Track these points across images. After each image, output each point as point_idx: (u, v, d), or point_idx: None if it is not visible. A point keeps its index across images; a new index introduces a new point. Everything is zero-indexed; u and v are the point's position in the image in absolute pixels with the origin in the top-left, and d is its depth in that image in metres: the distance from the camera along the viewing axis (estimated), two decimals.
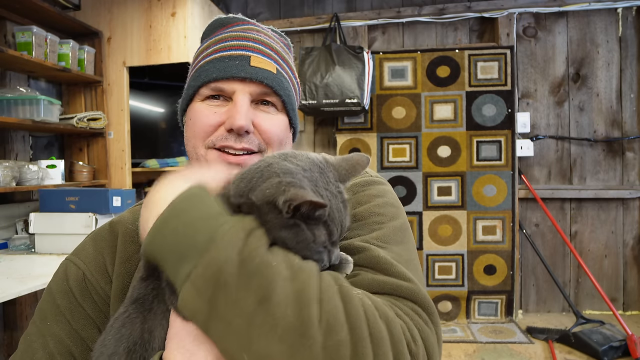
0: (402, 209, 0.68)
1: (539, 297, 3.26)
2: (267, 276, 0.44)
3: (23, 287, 1.53)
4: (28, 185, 2.26)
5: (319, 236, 0.52)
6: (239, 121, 0.67)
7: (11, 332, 2.32)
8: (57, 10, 2.48)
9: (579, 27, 3.17)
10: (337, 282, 0.48)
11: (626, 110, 3.15)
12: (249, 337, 0.43)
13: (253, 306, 0.43)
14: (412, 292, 0.51)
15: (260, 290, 0.43)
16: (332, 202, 0.53)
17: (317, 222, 0.52)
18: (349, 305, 0.45)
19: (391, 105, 3.21)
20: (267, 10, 3.50)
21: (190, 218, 0.48)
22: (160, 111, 3.41)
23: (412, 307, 0.51)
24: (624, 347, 2.48)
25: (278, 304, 0.43)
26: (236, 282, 0.44)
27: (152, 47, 2.73)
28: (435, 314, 0.52)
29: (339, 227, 0.54)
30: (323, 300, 0.44)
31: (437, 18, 3.26)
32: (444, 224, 3.16)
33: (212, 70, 0.70)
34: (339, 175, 0.56)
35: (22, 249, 2.21)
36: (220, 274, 0.44)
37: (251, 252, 0.45)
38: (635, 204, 3.14)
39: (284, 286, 0.44)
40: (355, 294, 0.47)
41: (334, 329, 0.43)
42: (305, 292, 0.44)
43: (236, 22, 0.79)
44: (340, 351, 0.42)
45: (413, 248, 0.63)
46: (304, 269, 0.46)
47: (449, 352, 2.64)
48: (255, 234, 0.47)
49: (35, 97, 2.29)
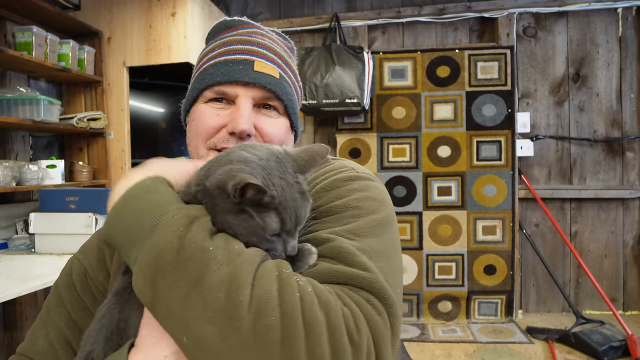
0: (386, 204, 0.67)
1: (539, 297, 3.26)
2: (202, 260, 0.46)
3: (23, 287, 1.53)
4: (28, 185, 2.26)
5: (270, 224, 0.53)
6: (241, 125, 0.69)
7: (11, 332, 2.32)
8: (57, 10, 2.48)
9: (579, 27, 3.17)
10: (279, 268, 0.48)
11: (626, 110, 3.15)
12: (185, 319, 0.45)
13: (187, 289, 0.45)
14: (369, 282, 0.51)
15: (194, 273, 0.45)
16: (286, 190, 0.54)
17: (267, 209, 0.53)
18: (283, 291, 0.45)
19: (391, 105, 3.21)
20: (267, 10, 3.50)
21: (140, 207, 0.52)
22: (160, 111, 3.41)
23: (367, 297, 0.50)
24: (624, 347, 2.48)
25: (210, 287, 0.45)
26: (173, 266, 0.46)
27: (152, 47, 2.73)
28: (394, 306, 0.51)
29: (293, 216, 0.54)
30: (256, 285, 0.45)
31: (437, 18, 3.26)
32: (444, 224, 3.16)
33: (216, 74, 0.72)
34: (298, 166, 0.57)
35: (22, 249, 2.21)
36: (160, 258, 0.47)
37: (190, 238, 0.48)
38: (635, 204, 3.14)
39: (217, 270, 0.45)
40: (295, 281, 0.47)
41: (264, 312, 0.43)
42: (237, 276, 0.45)
43: (241, 25, 0.80)
44: (269, 335, 0.43)
45: (391, 241, 0.62)
46: (241, 254, 0.48)
47: (449, 352, 2.64)
48: (197, 222, 0.50)
49: (35, 97, 2.29)
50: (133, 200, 0.53)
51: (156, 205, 0.52)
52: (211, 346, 0.44)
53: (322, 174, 0.71)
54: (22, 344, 0.69)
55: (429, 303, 3.17)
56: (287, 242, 0.55)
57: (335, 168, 0.72)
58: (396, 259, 0.61)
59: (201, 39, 2.81)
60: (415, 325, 3.06)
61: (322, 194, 0.66)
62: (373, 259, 0.55)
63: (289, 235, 0.55)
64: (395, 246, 0.63)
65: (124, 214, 0.53)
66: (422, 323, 3.11)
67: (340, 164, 0.74)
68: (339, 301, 0.48)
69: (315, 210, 0.64)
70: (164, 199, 0.53)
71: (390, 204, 0.68)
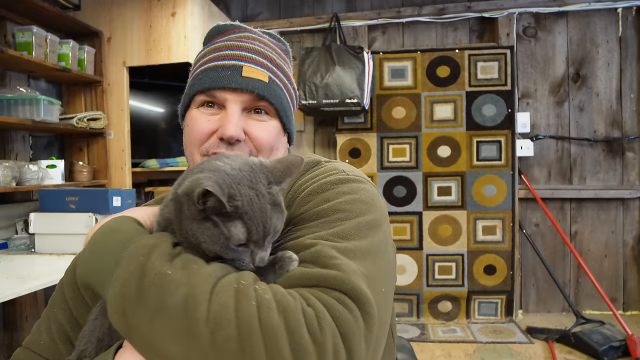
0: (375, 206, 0.66)
1: (539, 297, 3.26)
2: (162, 285, 0.49)
3: (23, 287, 1.53)
4: (28, 185, 2.26)
5: (235, 234, 0.53)
6: (229, 131, 0.71)
7: (11, 332, 2.32)
8: (57, 10, 2.48)
9: (579, 27, 3.17)
10: (238, 281, 0.50)
11: (626, 110, 3.15)
12: (154, 342, 0.48)
13: (152, 314, 0.48)
14: (340, 281, 0.51)
15: (156, 298, 0.48)
16: (254, 201, 0.54)
17: (232, 219, 0.53)
18: (239, 302, 0.47)
19: (391, 105, 3.21)
20: (267, 10, 3.50)
21: (104, 247, 0.57)
22: (160, 111, 3.41)
23: (338, 296, 0.50)
24: (624, 347, 2.48)
25: (170, 308, 0.47)
26: (137, 294, 0.49)
27: (152, 47, 2.73)
28: (367, 304, 0.51)
29: (260, 227, 0.54)
30: (213, 301, 0.47)
31: (437, 18, 3.26)
32: (444, 224, 3.16)
33: (205, 80, 0.73)
34: (273, 176, 0.58)
35: (22, 249, 2.21)
36: (125, 289, 0.50)
37: (150, 265, 0.51)
38: (635, 204, 3.14)
39: (176, 292, 0.48)
40: (253, 290, 0.48)
41: (221, 325, 0.45)
42: (194, 294, 0.47)
43: (233, 30, 0.81)
44: (228, 346, 0.45)
45: (378, 242, 0.62)
46: (199, 273, 0.50)
47: (449, 352, 2.64)
48: (157, 249, 0.53)
49: (35, 97, 2.29)
50: (98, 243, 0.58)
51: (119, 243, 0.56)
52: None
53: (312, 177, 0.72)
54: (28, 338, 0.72)
55: (429, 303, 3.17)
56: (254, 253, 0.55)
57: (326, 171, 0.72)
58: (384, 258, 0.62)
59: (201, 39, 2.80)
60: (415, 325, 3.06)
61: (311, 198, 0.66)
62: (356, 259, 0.55)
63: (256, 246, 0.55)
64: (383, 247, 0.63)
65: (91, 259, 0.58)
66: (422, 323, 3.11)
67: (331, 166, 0.74)
68: (301, 303, 0.48)
69: (303, 214, 0.64)
70: (126, 235, 0.57)
71: (380, 206, 0.68)
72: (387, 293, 0.60)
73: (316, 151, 3.42)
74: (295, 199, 0.69)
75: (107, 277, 0.54)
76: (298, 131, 3.40)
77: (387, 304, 0.60)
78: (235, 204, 0.53)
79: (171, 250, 0.54)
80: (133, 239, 0.56)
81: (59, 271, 1.71)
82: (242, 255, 0.55)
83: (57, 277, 1.64)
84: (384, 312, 0.56)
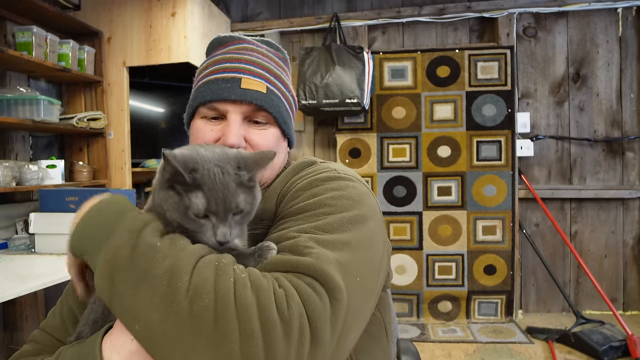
0: (362, 203, 0.69)
1: (539, 297, 3.26)
2: (150, 255, 0.53)
3: (23, 287, 1.53)
4: (28, 185, 2.26)
5: (195, 203, 0.57)
6: (230, 140, 0.76)
7: (11, 333, 2.31)
8: (57, 10, 2.47)
9: (579, 27, 3.17)
10: (218, 259, 0.54)
11: (626, 110, 3.15)
12: (136, 307, 0.52)
13: (138, 281, 0.52)
14: (313, 268, 0.54)
15: (143, 267, 0.52)
16: (218, 176, 0.58)
17: (193, 189, 0.58)
18: (218, 278, 0.51)
19: (391, 105, 3.21)
20: (267, 10, 3.50)
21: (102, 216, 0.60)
22: (160, 111, 3.41)
23: (309, 281, 0.54)
24: (624, 347, 2.48)
25: (155, 277, 0.51)
26: (128, 262, 0.53)
27: (152, 47, 2.73)
28: (336, 290, 0.54)
29: (221, 200, 0.58)
30: (194, 274, 0.51)
31: (437, 18, 3.26)
32: (444, 224, 3.16)
33: (207, 92, 0.79)
34: (245, 163, 0.62)
35: (22, 249, 2.20)
36: (117, 257, 0.54)
37: (143, 237, 0.55)
38: (635, 204, 3.14)
39: (162, 262, 0.52)
40: (231, 269, 0.53)
41: (200, 296, 0.49)
42: (178, 266, 0.52)
43: (232, 42, 0.86)
44: (204, 315, 0.49)
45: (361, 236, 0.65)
46: (185, 249, 0.55)
47: (449, 352, 2.64)
48: (150, 225, 0.57)
49: (35, 97, 2.29)
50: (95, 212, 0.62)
51: (116, 213, 0.60)
52: (157, 329, 0.50)
53: (305, 175, 0.76)
54: (44, 321, 0.78)
55: (429, 303, 3.17)
56: (216, 227, 0.58)
57: (319, 169, 0.76)
58: (365, 252, 0.64)
59: (201, 39, 2.81)
60: (415, 325, 3.06)
61: (300, 193, 0.71)
62: (335, 249, 0.59)
63: (218, 219, 0.58)
64: (367, 241, 0.66)
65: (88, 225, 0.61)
66: (422, 323, 3.11)
67: (325, 165, 0.78)
68: (273, 284, 0.52)
69: (291, 208, 0.69)
70: (122, 206, 0.62)
71: (368, 203, 0.71)
72: (365, 284, 0.62)
73: (316, 151, 3.42)
74: (287, 194, 0.74)
75: (100, 244, 0.57)
76: (298, 131, 3.40)
77: (363, 294, 0.62)
78: (195, 176, 0.58)
79: (162, 228, 0.58)
80: (129, 212, 0.60)
81: (59, 271, 1.71)
82: (203, 227, 0.58)
83: (57, 277, 1.65)
84: (357, 301, 0.59)
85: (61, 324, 0.75)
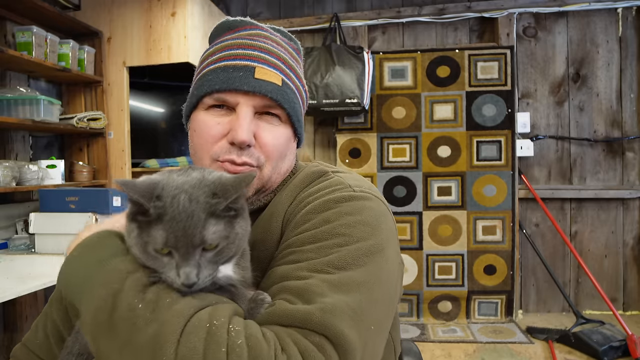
0: (380, 228, 0.63)
1: (539, 297, 3.26)
2: (131, 319, 0.47)
3: (23, 287, 1.53)
4: (28, 185, 2.26)
5: (155, 237, 0.50)
6: (240, 136, 0.67)
7: (11, 333, 2.31)
8: (57, 10, 2.47)
9: (579, 27, 3.17)
10: (211, 319, 0.47)
11: (626, 110, 3.15)
12: None
13: (121, 347, 0.47)
14: (322, 324, 0.48)
15: (124, 334, 0.47)
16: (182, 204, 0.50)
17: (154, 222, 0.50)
18: (209, 348, 0.44)
19: (391, 105, 3.20)
20: (267, 10, 3.50)
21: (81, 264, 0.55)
22: (160, 111, 3.41)
23: (319, 342, 0.48)
24: (624, 347, 2.48)
25: (137, 347, 0.46)
26: (107, 326, 0.48)
27: (152, 47, 2.73)
28: (349, 351, 0.48)
29: (181, 232, 0.49)
30: (181, 342, 0.45)
31: (437, 18, 3.26)
32: (444, 224, 3.16)
33: (215, 81, 0.69)
34: (222, 190, 0.52)
35: (22, 249, 2.20)
36: (96, 319, 0.49)
37: (123, 296, 0.49)
38: (635, 204, 3.14)
39: (144, 329, 0.46)
40: (225, 333, 0.46)
41: None
42: (163, 333, 0.45)
43: (244, 26, 0.76)
44: None
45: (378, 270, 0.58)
46: (170, 309, 0.47)
47: (449, 352, 2.64)
48: (132, 277, 0.51)
49: (35, 97, 2.29)
50: (77, 259, 0.56)
51: (96, 262, 0.54)
52: None
53: (316, 191, 0.68)
54: (27, 334, 0.72)
55: (429, 303, 3.17)
56: (179, 266, 0.50)
57: (331, 185, 0.68)
58: (382, 287, 0.58)
59: (201, 39, 2.81)
60: (415, 325, 3.06)
61: (310, 217, 0.63)
62: (349, 292, 0.53)
63: (181, 257, 0.50)
64: (383, 275, 0.59)
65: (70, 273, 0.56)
66: (422, 323, 3.11)
67: (337, 179, 0.70)
68: (275, 350, 0.46)
69: (301, 235, 0.61)
70: (105, 253, 0.55)
71: (386, 227, 0.64)
72: (380, 327, 0.57)
73: (316, 151, 3.42)
74: (296, 215, 0.66)
75: (80, 299, 0.53)
76: None
77: (378, 339, 0.57)
78: (157, 204, 0.50)
79: (145, 280, 0.51)
80: (111, 259, 0.54)
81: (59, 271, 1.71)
82: (165, 267, 0.51)
83: (56, 277, 1.64)
84: (371, 351, 0.54)
85: (45, 341, 0.68)
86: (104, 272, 0.52)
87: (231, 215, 0.53)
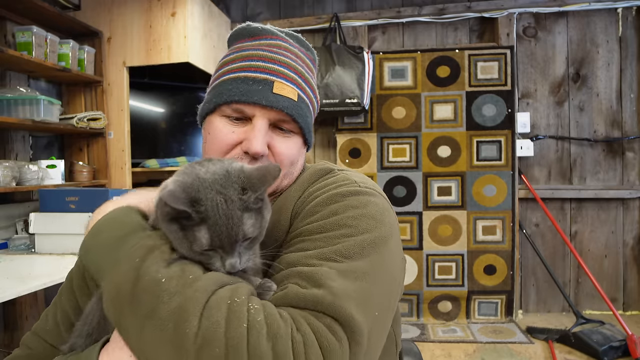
0: (383, 222, 0.66)
1: (539, 297, 3.26)
2: (155, 292, 0.49)
3: (23, 287, 1.53)
4: (28, 185, 2.26)
5: (199, 239, 0.54)
6: (255, 147, 0.71)
7: (11, 333, 2.32)
8: (57, 10, 2.47)
9: (579, 27, 3.17)
10: (232, 297, 0.49)
11: (626, 110, 3.15)
12: (141, 347, 0.50)
13: (142, 320, 0.49)
14: (332, 307, 0.51)
15: (147, 306, 0.49)
16: (221, 206, 0.54)
17: (197, 224, 0.54)
18: (231, 323, 0.47)
19: (391, 105, 3.21)
20: (267, 10, 3.50)
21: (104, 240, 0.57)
22: (160, 111, 3.41)
23: (329, 323, 0.51)
24: (624, 347, 2.48)
25: (160, 319, 0.48)
26: (130, 299, 0.50)
27: (152, 47, 2.73)
28: (357, 333, 0.51)
29: (224, 233, 0.54)
30: (204, 316, 0.47)
31: (437, 18, 3.26)
32: (444, 224, 3.16)
33: (234, 92, 0.72)
34: (250, 184, 0.57)
35: (22, 249, 2.20)
36: (119, 292, 0.51)
37: (145, 269, 0.51)
38: (635, 204, 3.14)
39: (168, 302, 0.48)
40: (246, 310, 0.48)
41: (210, 344, 0.46)
42: (186, 307, 0.47)
43: (265, 35, 0.79)
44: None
45: (382, 261, 0.61)
46: (194, 284, 0.50)
47: (449, 352, 2.64)
48: (154, 252, 0.53)
49: (35, 97, 2.29)
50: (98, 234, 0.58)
51: (118, 238, 0.56)
52: None
53: (323, 186, 0.71)
54: (36, 323, 0.74)
55: (429, 303, 3.17)
56: (224, 259, 0.55)
57: (337, 181, 0.72)
58: (385, 277, 0.61)
59: (201, 39, 2.81)
60: (415, 325, 3.06)
61: (319, 209, 0.66)
62: (356, 279, 0.56)
63: (225, 252, 0.55)
64: (387, 265, 0.62)
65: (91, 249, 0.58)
66: (422, 323, 3.11)
67: (343, 176, 0.73)
68: (291, 328, 0.49)
69: (309, 225, 0.64)
70: (127, 229, 0.57)
71: (389, 221, 0.67)
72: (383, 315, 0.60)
73: (316, 151, 3.42)
74: (304, 208, 0.69)
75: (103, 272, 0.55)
76: None
77: (382, 327, 0.60)
78: (198, 209, 0.54)
79: (169, 255, 0.54)
80: (133, 235, 0.56)
81: (59, 271, 1.71)
82: (211, 259, 0.55)
83: (57, 277, 1.65)
84: (375, 337, 0.57)
85: (55, 328, 0.71)
86: (126, 246, 0.54)
87: (259, 207, 0.59)
